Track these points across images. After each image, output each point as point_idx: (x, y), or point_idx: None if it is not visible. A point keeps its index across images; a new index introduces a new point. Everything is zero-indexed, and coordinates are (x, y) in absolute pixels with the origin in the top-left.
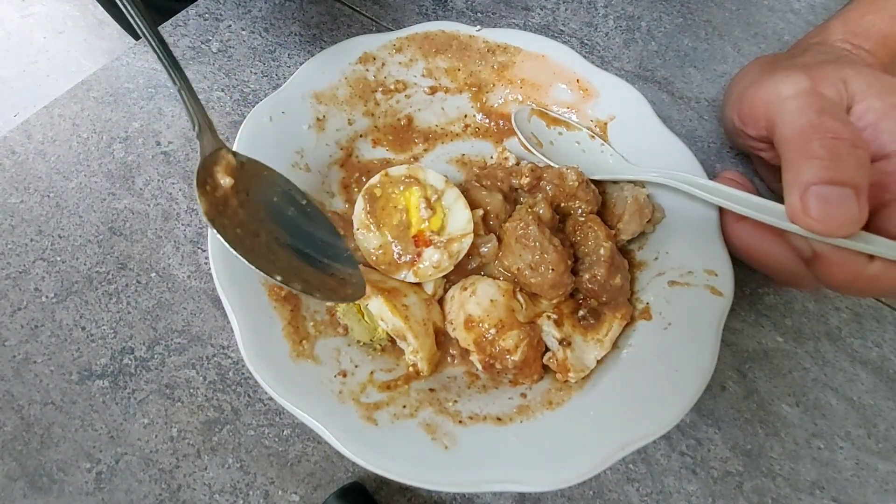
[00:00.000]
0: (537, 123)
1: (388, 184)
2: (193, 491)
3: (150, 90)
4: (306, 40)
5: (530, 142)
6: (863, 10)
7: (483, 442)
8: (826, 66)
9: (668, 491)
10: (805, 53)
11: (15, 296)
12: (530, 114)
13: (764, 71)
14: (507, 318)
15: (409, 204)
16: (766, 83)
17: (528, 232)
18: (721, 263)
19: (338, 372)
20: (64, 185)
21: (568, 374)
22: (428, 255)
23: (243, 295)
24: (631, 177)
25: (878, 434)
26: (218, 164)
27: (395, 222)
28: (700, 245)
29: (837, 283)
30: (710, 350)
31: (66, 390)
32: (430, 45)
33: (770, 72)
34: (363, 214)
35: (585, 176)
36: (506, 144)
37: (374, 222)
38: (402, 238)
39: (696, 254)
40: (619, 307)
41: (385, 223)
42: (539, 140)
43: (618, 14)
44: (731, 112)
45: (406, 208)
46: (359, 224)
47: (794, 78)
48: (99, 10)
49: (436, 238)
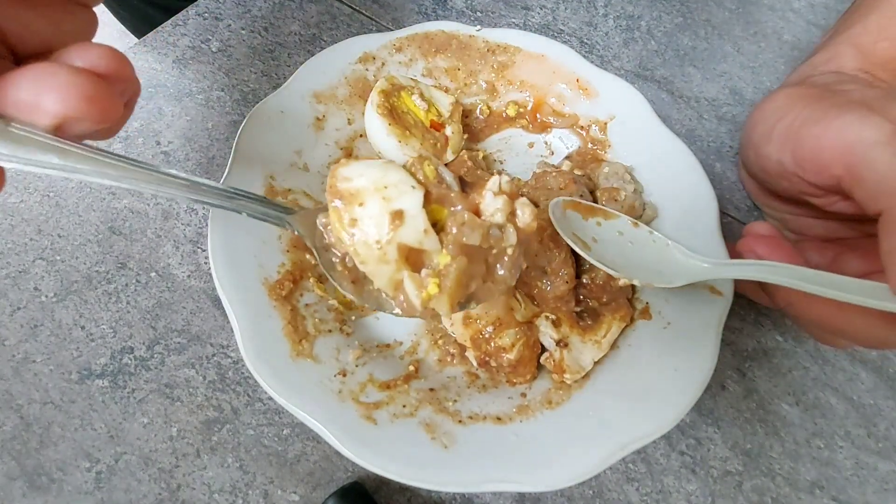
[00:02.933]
0: (574, 217)
1: (389, 94)
2: (193, 490)
3: (150, 90)
4: (306, 40)
5: (577, 244)
6: (873, 36)
7: (483, 441)
8: (890, 103)
9: (667, 490)
10: (840, 85)
11: (14, 295)
12: (563, 207)
13: (811, 107)
14: (506, 317)
15: (409, 106)
16: (833, 124)
17: (556, 236)
18: None
19: (337, 371)
20: (64, 184)
21: (564, 375)
22: (447, 132)
23: (243, 294)
24: (718, 276)
25: (878, 433)
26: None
27: (412, 122)
28: (699, 244)
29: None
30: (710, 350)
31: (65, 390)
32: (429, 45)
33: (826, 108)
34: (390, 128)
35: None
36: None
37: (401, 131)
38: (426, 130)
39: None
40: (620, 308)
41: (408, 127)
42: (583, 240)
43: (617, 13)
44: (781, 153)
45: (409, 110)
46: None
47: (874, 121)
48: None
49: (442, 118)
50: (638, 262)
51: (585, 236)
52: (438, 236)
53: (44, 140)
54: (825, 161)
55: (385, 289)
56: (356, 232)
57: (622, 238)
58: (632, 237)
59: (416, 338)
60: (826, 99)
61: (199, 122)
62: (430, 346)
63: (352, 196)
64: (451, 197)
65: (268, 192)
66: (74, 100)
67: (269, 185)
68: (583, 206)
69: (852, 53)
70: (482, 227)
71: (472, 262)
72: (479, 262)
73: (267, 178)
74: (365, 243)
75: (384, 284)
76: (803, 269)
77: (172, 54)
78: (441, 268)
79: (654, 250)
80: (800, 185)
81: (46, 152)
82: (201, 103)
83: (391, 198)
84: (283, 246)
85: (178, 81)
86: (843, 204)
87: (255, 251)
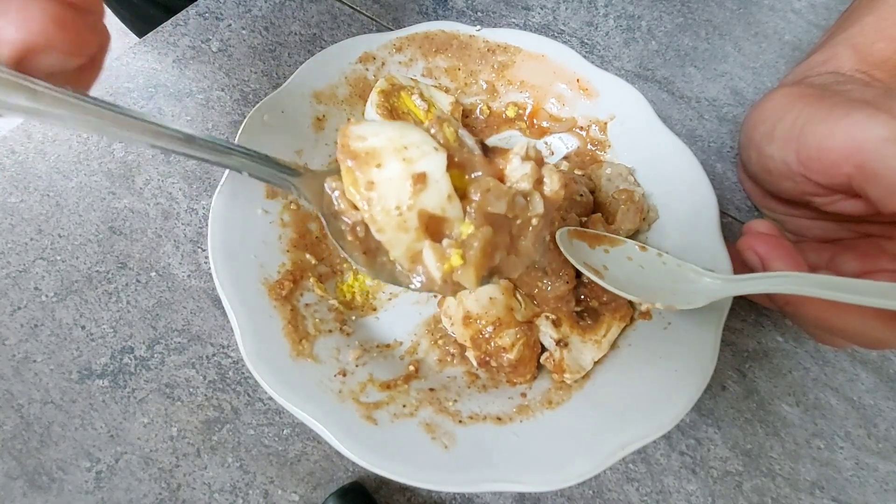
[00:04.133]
0: (580, 246)
1: (389, 94)
2: (193, 490)
3: (150, 90)
4: (306, 39)
5: (590, 272)
6: (870, 36)
7: (483, 442)
8: (893, 101)
9: (667, 490)
10: (838, 86)
11: (15, 295)
12: (569, 237)
13: (812, 107)
14: (505, 317)
15: (409, 106)
16: (840, 123)
17: None
18: (721, 263)
19: (337, 371)
20: (64, 184)
21: (564, 374)
22: None
23: (243, 294)
24: (734, 293)
25: (878, 434)
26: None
27: (412, 123)
28: (700, 245)
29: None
30: (710, 350)
31: (65, 389)
32: (430, 45)
33: (829, 108)
34: None
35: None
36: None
37: None
38: None
39: (696, 253)
40: (620, 308)
41: None
42: (594, 268)
43: (618, 13)
44: (784, 153)
45: (409, 110)
46: None
47: (882, 118)
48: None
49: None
50: (652, 285)
51: (595, 264)
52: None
53: (7, 77)
54: (833, 160)
55: (401, 260)
56: (373, 196)
57: (632, 263)
58: (641, 261)
59: (416, 338)
60: (827, 98)
61: (199, 122)
62: (430, 346)
63: (368, 156)
64: (473, 162)
65: (268, 192)
66: (40, 24)
67: (269, 185)
68: (588, 235)
69: (849, 54)
70: (508, 194)
71: (497, 232)
72: (504, 233)
73: None
74: (383, 209)
75: (400, 255)
76: (815, 275)
77: (173, 54)
78: (464, 238)
79: (666, 272)
80: (804, 186)
81: (11, 92)
82: (201, 103)
83: (412, 159)
84: (284, 246)
85: (178, 81)
86: (846, 203)
87: (255, 251)
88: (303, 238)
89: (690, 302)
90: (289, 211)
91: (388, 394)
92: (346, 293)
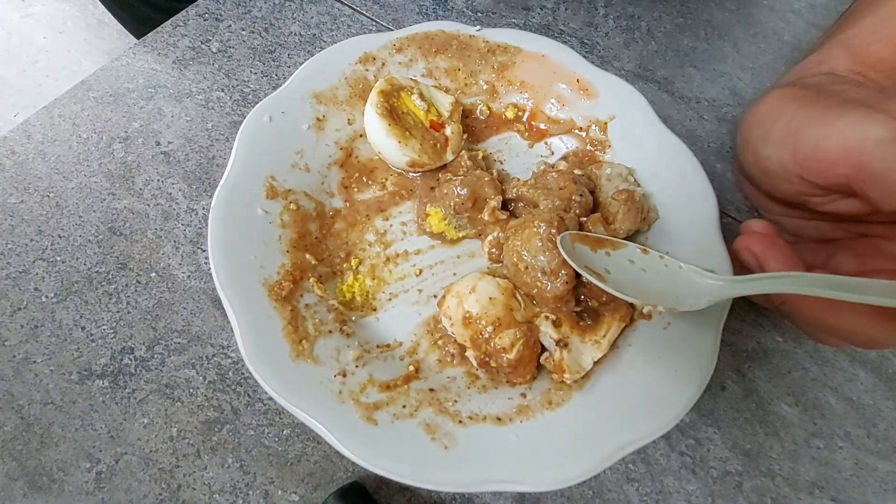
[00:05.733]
0: (582, 250)
1: (389, 95)
2: (193, 490)
3: (150, 90)
4: (306, 40)
5: (592, 276)
6: (866, 37)
7: (483, 442)
8: (888, 101)
9: (667, 491)
10: (833, 86)
11: (15, 296)
12: (571, 241)
13: (807, 108)
14: (505, 317)
15: (409, 106)
16: (836, 124)
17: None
18: (720, 263)
19: (337, 372)
20: (64, 185)
21: (564, 375)
22: (447, 132)
23: (243, 295)
24: (737, 294)
25: (878, 434)
26: None
27: (412, 123)
28: (700, 245)
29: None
30: (710, 350)
31: (65, 390)
32: (430, 45)
33: (824, 109)
34: (389, 129)
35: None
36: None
37: (401, 132)
38: (426, 131)
39: (696, 254)
40: (619, 308)
41: (409, 128)
42: (596, 272)
43: (618, 14)
44: (780, 154)
45: (409, 110)
46: (394, 139)
47: (879, 118)
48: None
49: (442, 118)
50: (655, 288)
51: (597, 268)
52: None
53: None
54: (830, 161)
55: None
56: None
57: (633, 266)
58: (643, 264)
59: (416, 338)
60: (822, 99)
61: (199, 123)
62: (429, 346)
63: None
64: None
65: (268, 193)
66: None
67: (269, 186)
68: (590, 239)
69: (845, 55)
70: None
71: None
72: None
73: (267, 178)
74: None
75: None
76: (817, 275)
77: (172, 55)
78: None
79: (668, 274)
80: (800, 186)
81: None
82: (201, 104)
83: None
84: (283, 246)
85: (178, 82)
86: (842, 203)
87: (255, 251)
88: (303, 238)
89: (693, 304)
90: (289, 211)
91: (388, 394)
92: (346, 294)
